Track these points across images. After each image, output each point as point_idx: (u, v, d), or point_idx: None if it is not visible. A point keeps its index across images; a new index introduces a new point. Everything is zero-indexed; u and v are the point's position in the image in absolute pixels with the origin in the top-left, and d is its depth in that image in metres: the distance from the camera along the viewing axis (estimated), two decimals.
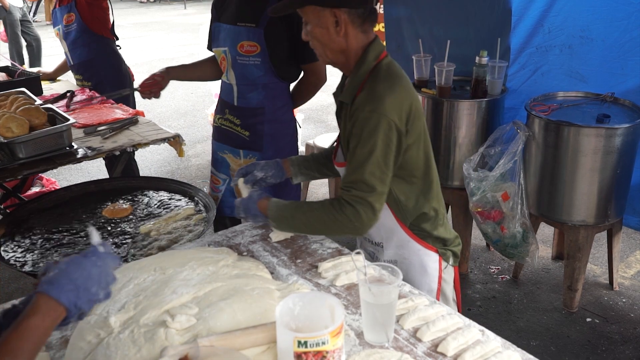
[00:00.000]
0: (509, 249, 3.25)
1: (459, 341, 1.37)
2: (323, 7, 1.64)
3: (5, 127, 2.54)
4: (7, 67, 4.07)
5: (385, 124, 1.60)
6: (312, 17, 1.68)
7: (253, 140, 2.62)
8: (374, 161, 1.61)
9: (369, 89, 1.66)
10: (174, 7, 16.72)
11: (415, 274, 1.85)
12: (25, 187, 4.18)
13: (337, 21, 1.65)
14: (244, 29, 2.46)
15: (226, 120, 2.67)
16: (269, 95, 2.56)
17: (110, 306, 1.47)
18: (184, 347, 1.27)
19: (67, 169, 5.27)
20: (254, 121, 2.59)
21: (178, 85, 7.58)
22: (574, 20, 3.19)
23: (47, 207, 2.38)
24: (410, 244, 1.83)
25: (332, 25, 1.66)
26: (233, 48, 2.50)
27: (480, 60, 3.22)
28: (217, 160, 2.79)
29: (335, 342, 1.20)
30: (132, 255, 1.97)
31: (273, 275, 1.71)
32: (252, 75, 2.51)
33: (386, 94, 1.63)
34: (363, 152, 1.62)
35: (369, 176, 1.61)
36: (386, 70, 1.70)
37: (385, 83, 1.65)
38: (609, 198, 3.01)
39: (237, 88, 2.57)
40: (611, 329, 3.06)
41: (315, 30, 1.69)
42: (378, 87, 1.64)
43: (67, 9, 3.70)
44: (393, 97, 1.63)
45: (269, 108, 2.58)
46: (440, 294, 1.88)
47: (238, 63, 2.51)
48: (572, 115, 3.01)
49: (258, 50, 2.46)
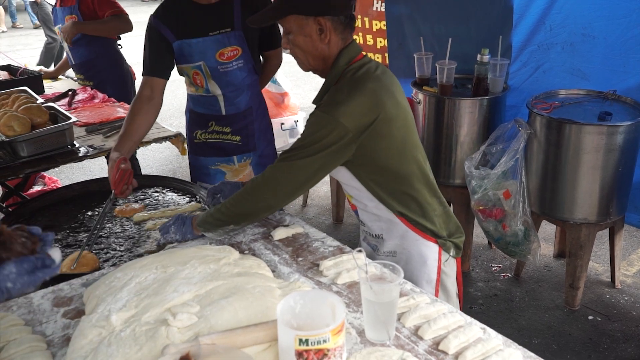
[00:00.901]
0: (510, 247, 3.25)
1: (460, 339, 1.37)
2: (307, 15, 1.68)
3: (7, 125, 2.54)
4: (9, 66, 4.08)
5: (330, 126, 1.65)
6: (295, 26, 1.70)
7: (245, 142, 2.62)
8: (302, 149, 1.68)
9: (330, 93, 1.72)
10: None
11: (415, 264, 1.87)
12: (27, 185, 4.18)
13: (322, 29, 1.69)
14: (219, 36, 2.42)
15: (212, 133, 2.64)
16: (254, 94, 2.59)
17: (112, 304, 1.48)
18: (185, 346, 1.27)
19: (69, 167, 5.28)
20: (244, 123, 2.59)
21: (179, 84, 7.55)
22: (576, 17, 3.18)
23: (49, 205, 2.38)
24: (408, 234, 1.84)
25: (316, 33, 1.70)
26: (211, 59, 2.44)
27: (482, 58, 3.22)
28: (208, 176, 2.71)
29: (337, 340, 1.20)
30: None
31: (274, 273, 1.71)
32: (237, 80, 2.50)
33: (342, 101, 1.65)
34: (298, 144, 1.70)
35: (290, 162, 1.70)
36: (351, 76, 1.72)
37: (345, 89, 1.68)
38: (610, 196, 3.00)
39: (224, 97, 2.55)
40: (613, 327, 3.06)
41: (298, 39, 1.72)
42: (337, 94, 1.69)
43: (69, 10, 3.69)
44: (348, 104, 1.65)
45: (256, 106, 2.61)
46: (441, 287, 1.89)
47: (220, 72, 2.47)
48: (573, 113, 3.01)
49: (240, 53, 2.45)
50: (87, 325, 1.41)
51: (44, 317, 1.54)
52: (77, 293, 1.64)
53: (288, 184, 1.72)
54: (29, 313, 1.56)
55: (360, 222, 1.98)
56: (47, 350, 1.39)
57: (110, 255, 1.98)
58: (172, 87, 4.24)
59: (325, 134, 1.65)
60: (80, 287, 1.67)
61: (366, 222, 1.93)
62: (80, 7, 3.63)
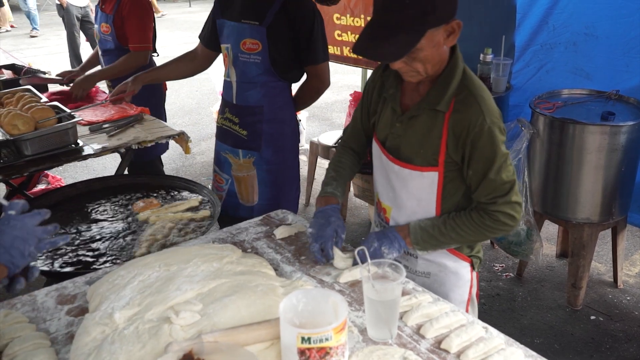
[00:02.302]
0: (513, 247, 3.25)
1: (462, 338, 1.38)
2: (439, 25, 1.50)
3: (12, 124, 2.55)
4: (14, 65, 4.08)
5: (499, 131, 1.59)
6: (426, 40, 1.49)
7: (251, 139, 2.61)
8: (502, 168, 1.60)
9: (475, 98, 1.59)
10: (179, 4, 16.73)
11: (450, 285, 1.81)
12: (31, 184, 4.20)
13: (451, 31, 1.54)
14: (247, 26, 2.46)
15: (226, 120, 2.68)
16: (268, 94, 2.56)
17: (115, 302, 1.49)
18: (188, 343, 1.27)
19: (72, 166, 5.29)
20: (252, 120, 2.58)
21: (183, 83, 7.59)
22: (579, 17, 3.18)
23: (53, 203, 2.39)
24: (445, 254, 1.78)
25: (444, 38, 1.53)
26: (236, 45, 2.50)
27: (485, 58, 3.22)
28: (219, 160, 2.80)
29: (339, 338, 1.20)
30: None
31: (277, 272, 1.72)
32: (251, 73, 2.51)
33: (490, 100, 1.61)
34: (491, 165, 1.59)
35: (504, 184, 1.60)
36: (472, 74, 1.65)
37: (481, 88, 1.62)
38: (613, 196, 3.00)
39: (237, 85, 2.57)
40: (615, 326, 3.06)
41: (426, 53, 1.52)
42: (482, 95, 1.60)
43: (105, 17, 3.52)
44: (493, 101, 1.62)
45: (268, 107, 2.57)
46: (470, 301, 1.85)
47: (239, 60, 2.52)
48: (576, 113, 3.01)
49: (259, 49, 2.46)
50: (91, 323, 1.42)
51: (48, 314, 1.55)
52: (80, 291, 1.65)
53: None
54: (32, 310, 1.56)
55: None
56: (50, 347, 1.40)
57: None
58: (176, 87, 4.25)
59: (502, 141, 1.60)
60: (84, 284, 1.68)
61: None
62: (115, 19, 3.47)
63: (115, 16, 3.44)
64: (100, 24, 3.56)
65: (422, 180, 1.68)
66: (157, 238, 2.07)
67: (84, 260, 1.96)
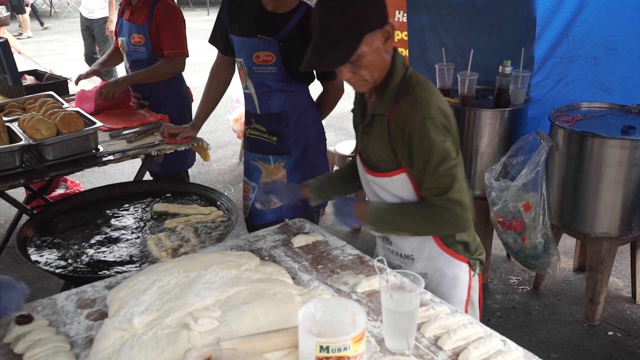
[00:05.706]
0: (529, 260, 3.23)
1: (480, 350, 1.37)
2: (374, 30, 1.57)
3: (35, 129, 2.59)
4: (36, 71, 4.14)
5: (434, 126, 1.60)
6: (366, 46, 1.57)
7: (281, 144, 2.64)
8: (441, 164, 1.62)
9: (409, 97, 1.63)
10: (197, 13, 16.89)
11: (447, 287, 1.82)
12: (51, 188, 4.25)
13: (387, 36, 1.60)
14: (260, 41, 2.47)
15: (254, 130, 2.70)
16: (289, 99, 2.58)
17: (135, 307, 1.50)
18: (206, 350, 1.28)
19: (91, 171, 5.34)
20: (279, 126, 2.61)
21: (199, 92, 7.61)
22: (600, 31, 3.16)
23: (72, 208, 2.42)
24: (441, 256, 1.80)
25: (382, 43, 1.60)
26: (249, 59, 2.51)
27: (504, 70, 3.21)
28: (248, 169, 2.81)
29: (357, 348, 1.20)
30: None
31: (294, 280, 1.72)
32: (269, 83, 2.54)
33: (429, 97, 1.63)
34: (427, 159, 1.62)
35: (442, 178, 1.62)
36: (416, 77, 1.68)
37: (419, 87, 1.65)
38: (633, 210, 2.97)
39: (257, 97, 2.59)
40: (633, 343, 3.02)
41: (369, 59, 1.59)
42: (418, 92, 1.63)
43: (137, 28, 3.44)
44: (436, 99, 1.64)
45: (292, 111, 2.60)
46: (470, 303, 1.86)
47: (255, 73, 2.54)
48: (596, 126, 2.99)
49: (274, 60, 2.47)
50: (110, 328, 1.43)
51: (68, 318, 1.56)
52: (100, 295, 1.67)
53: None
54: (53, 314, 1.58)
55: (384, 241, 1.91)
56: (70, 351, 1.42)
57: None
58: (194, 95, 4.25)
59: (446, 135, 1.62)
60: (104, 289, 1.70)
61: (395, 240, 1.86)
62: (150, 29, 3.41)
63: (149, 26, 3.40)
64: (129, 36, 3.48)
65: (394, 184, 1.74)
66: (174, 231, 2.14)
67: (102, 260, 1.99)
